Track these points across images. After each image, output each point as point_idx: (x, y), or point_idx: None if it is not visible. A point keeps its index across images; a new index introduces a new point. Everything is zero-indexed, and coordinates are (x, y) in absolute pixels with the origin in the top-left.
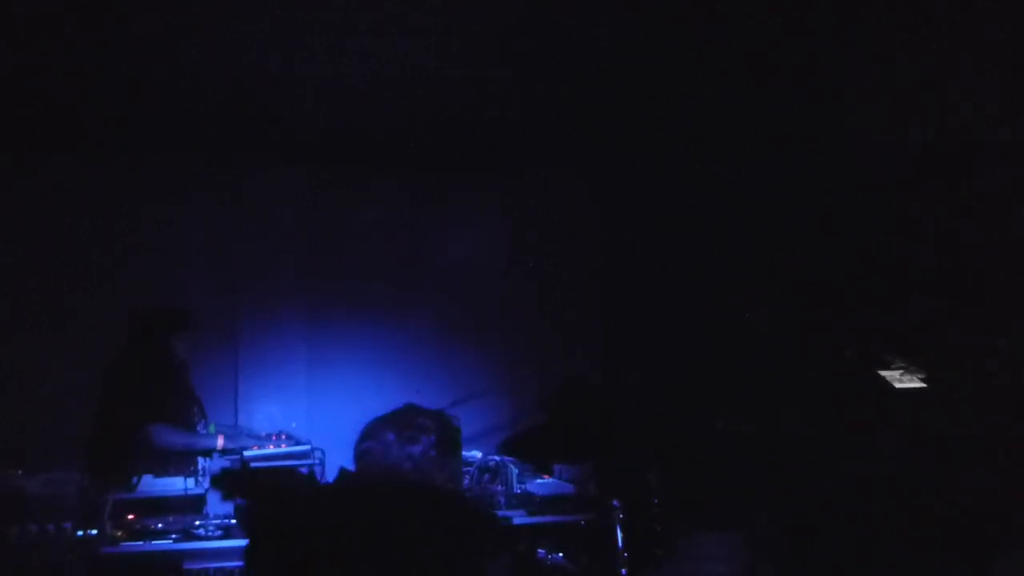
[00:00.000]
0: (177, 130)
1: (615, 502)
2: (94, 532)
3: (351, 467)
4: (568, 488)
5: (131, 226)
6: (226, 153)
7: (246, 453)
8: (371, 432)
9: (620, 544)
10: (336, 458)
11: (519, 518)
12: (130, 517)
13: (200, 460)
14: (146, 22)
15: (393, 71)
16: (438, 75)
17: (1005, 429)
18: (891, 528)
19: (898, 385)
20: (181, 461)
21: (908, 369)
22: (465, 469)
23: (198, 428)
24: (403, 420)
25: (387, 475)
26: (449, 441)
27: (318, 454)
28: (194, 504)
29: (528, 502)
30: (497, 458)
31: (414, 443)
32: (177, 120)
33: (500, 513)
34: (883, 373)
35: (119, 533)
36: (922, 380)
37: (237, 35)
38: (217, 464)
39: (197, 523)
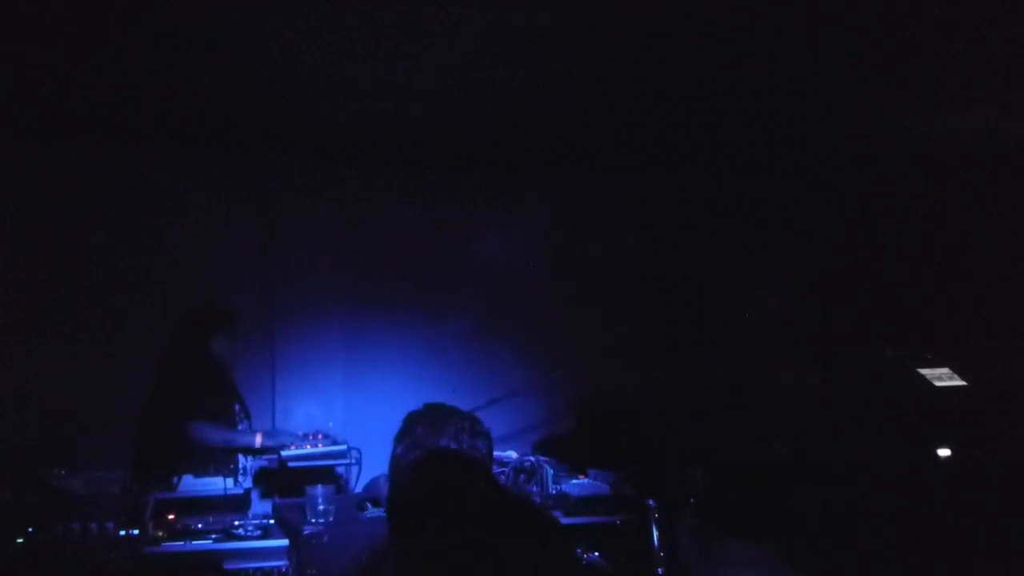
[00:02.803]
0: (217, 129)
1: (651, 502)
2: (136, 532)
3: (387, 472)
4: (604, 489)
5: (171, 225)
6: (264, 152)
7: (283, 453)
8: (424, 442)
9: (656, 543)
10: (373, 457)
11: None
12: (171, 517)
13: (240, 459)
14: (183, 18)
15: (432, 72)
16: (478, 77)
17: None
18: (926, 535)
19: (938, 384)
20: (221, 460)
21: (949, 368)
22: (501, 469)
23: (240, 427)
24: (456, 425)
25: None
26: (492, 445)
27: (355, 454)
28: (234, 504)
29: (564, 503)
30: (533, 458)
31: (474, 451)
32: (217, 119)
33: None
34: (924, 372)
35: (160, 533)
36: (963, 379)
37: (278, 34)
38: (255, 464)
39: (237, 523)
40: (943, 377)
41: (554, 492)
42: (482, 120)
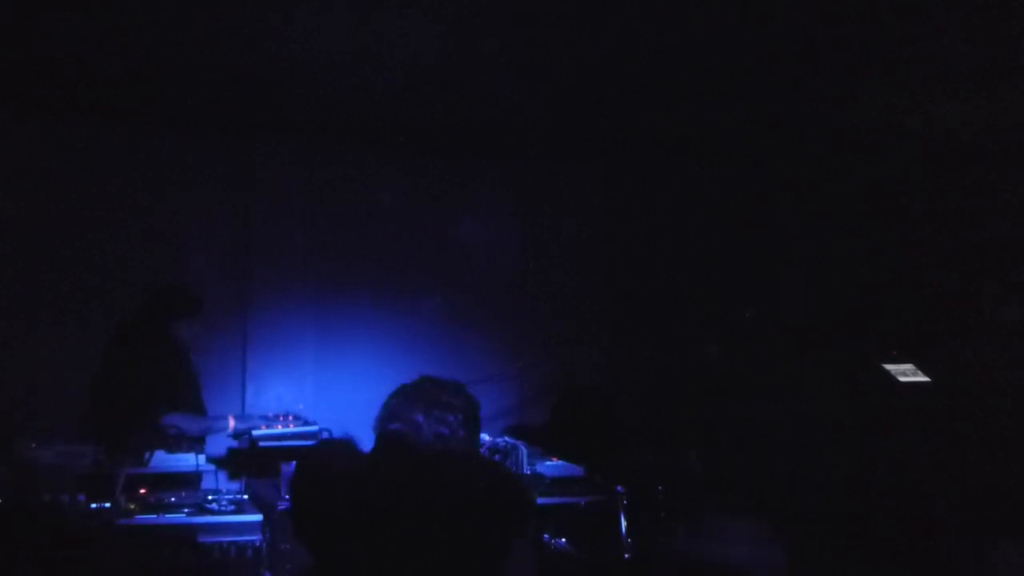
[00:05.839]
0: (190, 108)
1: (619, 488)
2: (107, 504)
3: (370, 445)
4: (577, 470)
5: (142, 205)
6: (238, 132)
7: (255, 432)
8: (397, 412)
9: (624, 529)
10: None
11: None
12: (142, 491)
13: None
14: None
15: (414, 54)
16: (460, 61)
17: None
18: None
19: (903, 379)
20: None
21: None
22: None
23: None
24: (429, 398)
25: (422, 457)
26: (474, 417)
27: (326, 434)
28: (201, 480)
29: (538, 483)
30: (508, 439)
31: (443, 424)
32: (190, 98)
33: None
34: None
35: (132, 506)
36: (928, 377)
37: (253, 11)
38: (225, 444)
39: (210, 498)
40: (907, 373)
41: (528, 472)
42: (463, 105)
